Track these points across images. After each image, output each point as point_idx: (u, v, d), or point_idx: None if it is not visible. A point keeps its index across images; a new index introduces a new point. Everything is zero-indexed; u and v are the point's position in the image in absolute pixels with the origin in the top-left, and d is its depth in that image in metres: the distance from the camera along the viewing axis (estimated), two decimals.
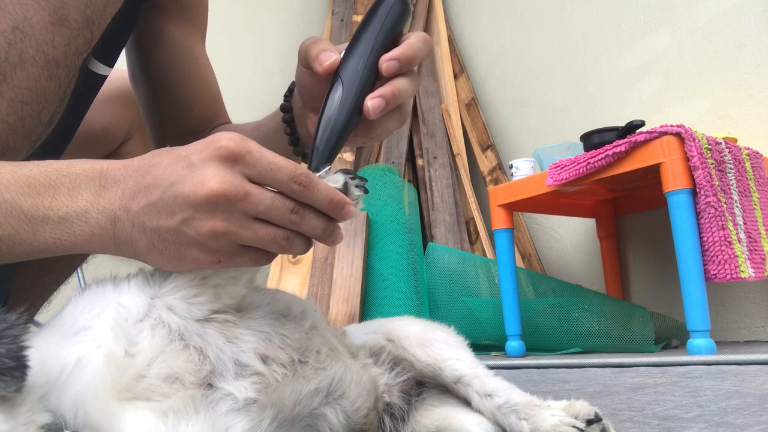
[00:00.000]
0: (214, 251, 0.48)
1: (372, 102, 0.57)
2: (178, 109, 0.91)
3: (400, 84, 0.59)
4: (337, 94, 0.58)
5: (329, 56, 0.59)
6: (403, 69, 0.59)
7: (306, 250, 0.52)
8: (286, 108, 0.77)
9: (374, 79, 0.59)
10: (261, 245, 0.49)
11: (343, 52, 0.60)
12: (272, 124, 0.81)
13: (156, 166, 0.48)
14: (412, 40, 0.60)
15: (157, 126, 0.93)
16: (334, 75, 0.59)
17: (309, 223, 0.50)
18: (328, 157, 0.57)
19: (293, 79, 0.73)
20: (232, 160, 0.46)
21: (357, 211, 0.53)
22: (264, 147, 0.49)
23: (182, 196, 0.46)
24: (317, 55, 0.60)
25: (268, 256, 0.51)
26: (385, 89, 0.58)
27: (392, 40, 0.60)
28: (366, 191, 0.54)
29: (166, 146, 0.50)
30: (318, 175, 0.54)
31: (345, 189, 0.52)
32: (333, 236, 0.52)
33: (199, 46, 0.94)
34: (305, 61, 0.64)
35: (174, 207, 0.46)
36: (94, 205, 0.49)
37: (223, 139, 0.46)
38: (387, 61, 0.58)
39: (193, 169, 0.46)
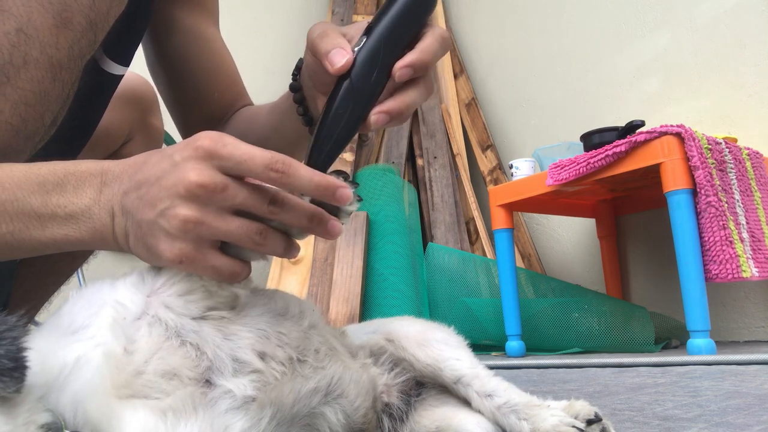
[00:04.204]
0: (179, 247, 0.47)
1: (376, 117, 0.56)
2: (197, 94, 0.92)
3: (408, 98, 0.57)
4: (345, 100, 0.55)
5: (341, 56, 0.56)
6: (417, 75, 0.57)
7: (286, 249, 0.51)
8: (295, 87, 0.74)
9: (386, 81, 0.57)
10: (233, 239, 0.48)
11: (356, 49, 0.56)
12: (285, 106, 0.80)
13: (146, 164, 0.51)
14: (429, 42, 0.57)
15: (180, 115, 0.95)
16: (344, 74, 0.57)
17: (290, 212, 0.49)
18: (325, 165, 0.55)
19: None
20: (208, 156, 0.47)
21: (353, 208, 0.52)
22: (257, 140, 0.50)
23: (165, 188, 0.48)
24: (327, 54, 0.57)
25: (233, 268, 0.49)
26: (392, 104, 0.57)
27: (413, 34, 0.57)
28: (359, 198, 0.52)
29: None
30: None
31: None
32: (323, 225, 0.50)
33: (212, 30, 0.94)
34: (314, 52, 0.60)
35: (156, 200, 0.48)
36: (96, 201, 0.51)
37: (200, 139, 0.48)
38: (401, 69, 0.56)
39: (176, 166, 0.48)
